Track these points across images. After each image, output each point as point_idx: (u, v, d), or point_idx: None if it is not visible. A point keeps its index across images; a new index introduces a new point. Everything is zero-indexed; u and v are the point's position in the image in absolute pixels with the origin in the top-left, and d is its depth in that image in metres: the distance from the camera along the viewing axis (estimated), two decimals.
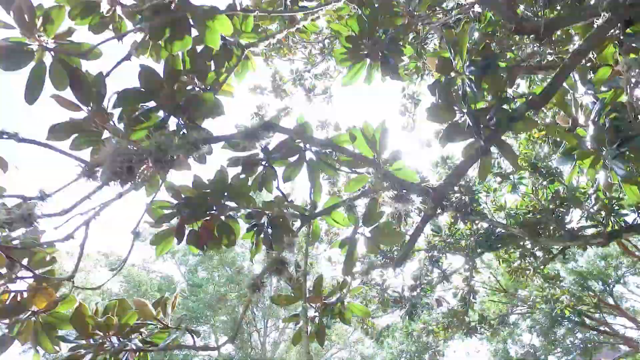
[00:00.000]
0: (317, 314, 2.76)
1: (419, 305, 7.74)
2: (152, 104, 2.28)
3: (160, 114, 2.32)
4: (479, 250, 8.33)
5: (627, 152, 2.24)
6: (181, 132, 2.37)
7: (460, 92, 2.19)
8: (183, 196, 2.79)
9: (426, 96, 10.00)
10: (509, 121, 2.24)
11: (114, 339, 2.28)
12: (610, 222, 7.78)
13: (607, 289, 21.30)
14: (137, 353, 2.41)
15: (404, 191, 2.01)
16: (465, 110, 2.27)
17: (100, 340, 2.22)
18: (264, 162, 2.71)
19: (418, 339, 13.79)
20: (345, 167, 2.43)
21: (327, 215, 2.42)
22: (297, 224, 2.56)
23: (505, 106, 2.28)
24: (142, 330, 2.43)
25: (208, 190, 2.76)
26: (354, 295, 2.87)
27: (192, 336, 2.45)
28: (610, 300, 21.47)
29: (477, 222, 8.61)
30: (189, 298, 16.78)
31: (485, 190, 8.58)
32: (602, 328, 19.89)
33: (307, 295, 2.82)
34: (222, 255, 16.63)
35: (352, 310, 2.76)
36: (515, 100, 2.50)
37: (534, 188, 7.74)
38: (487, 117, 2.32)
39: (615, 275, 20.28)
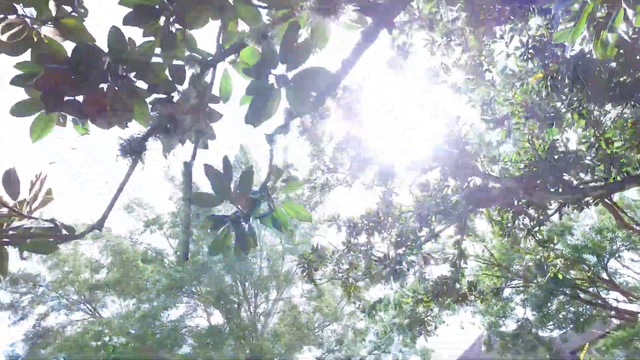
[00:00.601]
0: (240, 215, 2.09)
1: (405, 262, 7.09)
2: None
3: None
4: (469, 207, 7.68)
5: None
6: None
7: None
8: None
9: (417, 47, 9.23)
10: None
11: None
12: (611, 174, 7.12)
13: (602, 263, 20.88)
14: None
15: None
16: None
17: None
18: (165, 12, 2.00)
19: (411, 312, 13.28)
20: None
21: (235, 55, 1.72)
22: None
23: None
24: None
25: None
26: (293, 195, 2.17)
27: (57, 226, 1.79)
28: (604, 275, 21.09)
29: (468, 177, 7.95)
30: (174, 268, 16.22)
31: (477, 144, 7.88)
32: (595, 301, 19.53)
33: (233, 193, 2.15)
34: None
35: (286, 211, 2.09)
36: None
37: (529, 137, 7.03)
38: None
39: (610, 248, 19.73)
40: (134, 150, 1.53)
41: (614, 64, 6.24)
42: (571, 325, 20.71)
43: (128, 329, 16.31)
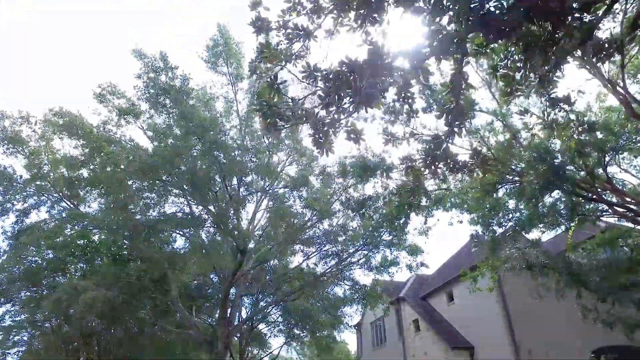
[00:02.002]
0: None
1: (379, 85, 5.39)
2: None
3: None
4: (470, 32, 5.82)
5: None
6: None
7: None
8: None
9: None
10: None
11: None
12: None
13: (602, 162, 19.55)
14: None
15: None
16: None
17: None
18: None
19: (402, 184, 12.13)
20: None
21: None
22: None
23: None
24: None
25: None
26: None
27: None
28: (603, 178, 19.92)
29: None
30: (146, 152, 14.69)
31: None
32: (591, 197, 18.54)
33: None
34: (182, 107, 14.14)
35: None
36: None
37: None
38: None
39: (616, 143, 18.23)
40: None
41: None
42: (562, 227, 19.82)
43: (111, 226, 15.33)
